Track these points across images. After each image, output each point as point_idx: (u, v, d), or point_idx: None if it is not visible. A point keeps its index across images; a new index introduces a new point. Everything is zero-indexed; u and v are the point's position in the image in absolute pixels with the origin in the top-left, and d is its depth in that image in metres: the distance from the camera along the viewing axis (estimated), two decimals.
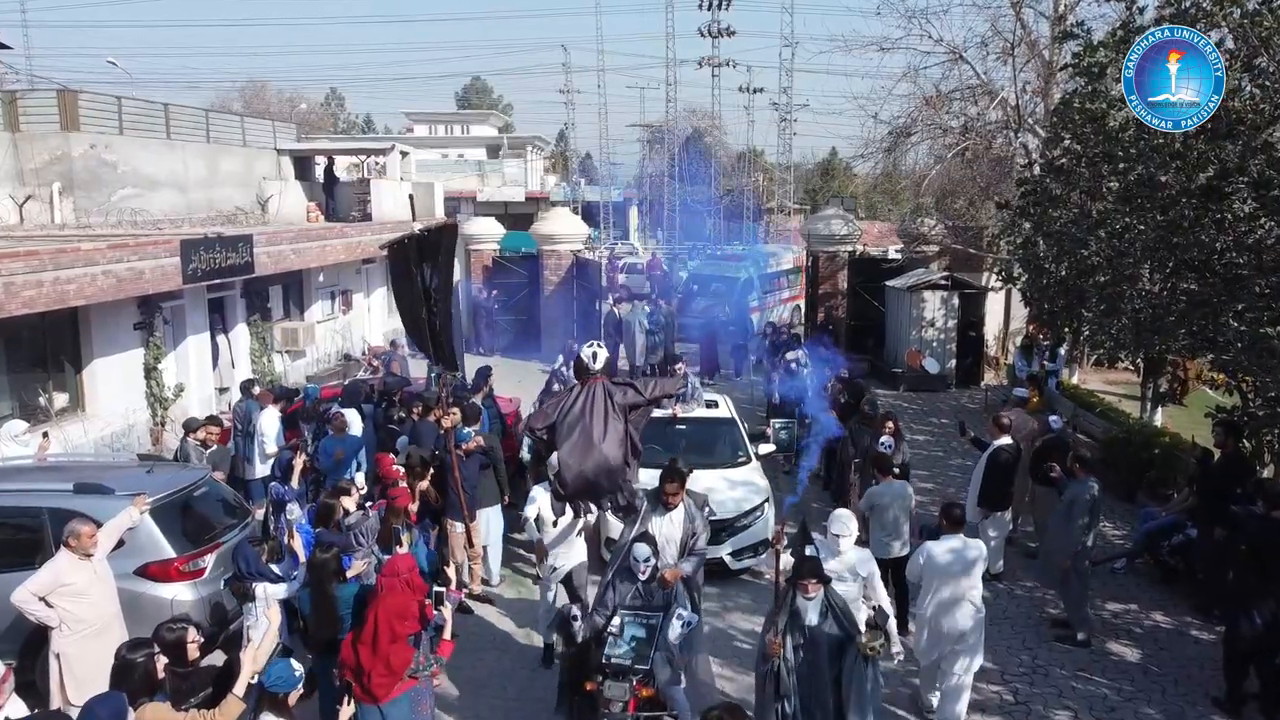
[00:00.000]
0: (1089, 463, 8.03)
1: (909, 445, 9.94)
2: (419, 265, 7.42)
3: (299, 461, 8.51)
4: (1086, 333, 12.92)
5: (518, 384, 18.19)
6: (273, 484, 8.84)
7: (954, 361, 18.73)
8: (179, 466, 8.70)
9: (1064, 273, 12.74)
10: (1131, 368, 14.51)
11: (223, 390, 15.93)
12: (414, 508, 7.52)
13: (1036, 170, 14.49)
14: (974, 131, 18.38)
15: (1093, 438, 12.84)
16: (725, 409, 11.31)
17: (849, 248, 21.53)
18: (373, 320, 21.73)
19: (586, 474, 6.38)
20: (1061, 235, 12.66)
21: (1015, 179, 15.21)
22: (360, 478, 9.30)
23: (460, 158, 63.94)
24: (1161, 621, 8.58)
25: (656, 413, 10.79)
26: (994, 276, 18.66)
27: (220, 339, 15.74)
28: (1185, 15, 10.10)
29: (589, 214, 54.21)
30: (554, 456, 6.66)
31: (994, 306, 20.16)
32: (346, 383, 11.68)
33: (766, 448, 10.75)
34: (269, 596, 5.98)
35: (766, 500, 9.51)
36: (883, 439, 9.01)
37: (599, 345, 6.89)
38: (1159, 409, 14.61)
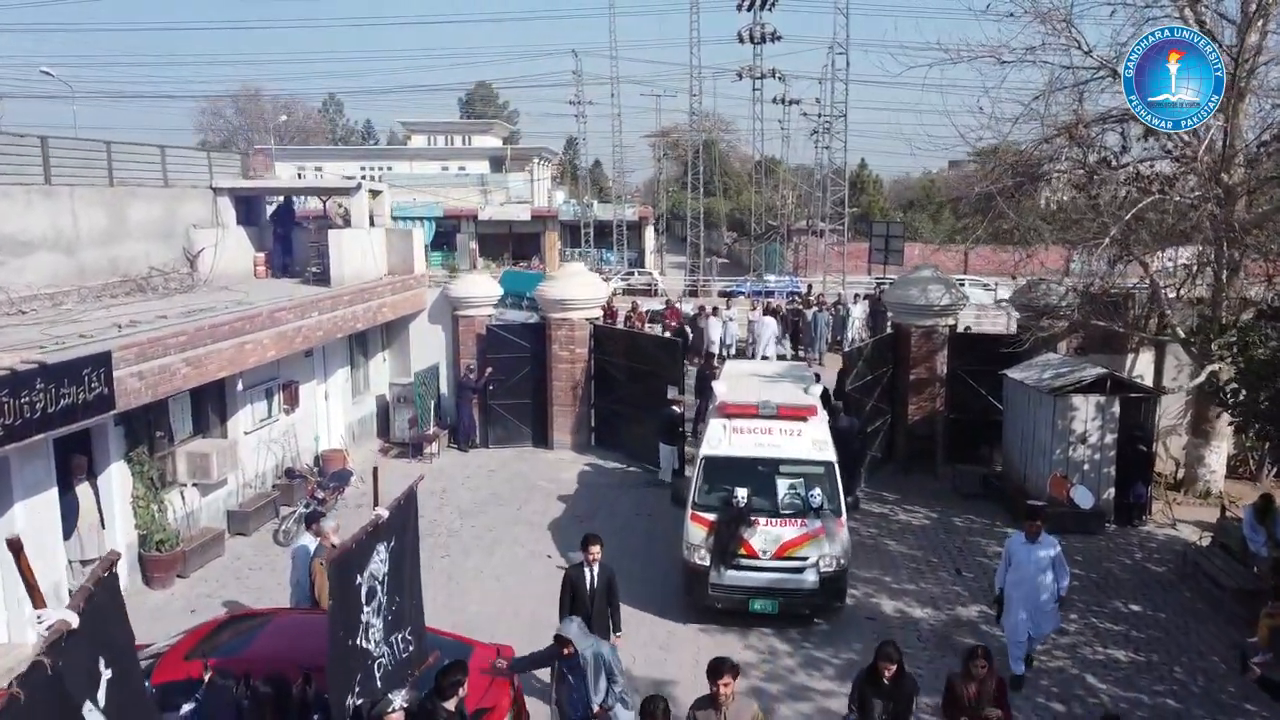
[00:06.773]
0: None
1: None
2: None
3: None
4: None
5: (509, 486, 13.25)
6: None
7: (1112, 490, 13.72)
8: None
9: None
10: None
11: (85, 562, 11.02)
12: None
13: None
14: (1147, 178, 13.35)
15: None
16: None
17: (950, 321, 16.53)
18: (331, 413, 16.76)
19: None
20: None
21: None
22: None
23: (461, 170, 59.09)
24: None
25: None
26: (1191, 377, 13.65)
27: (82, 490, 10.84)
28: None
29: (600, 234, 49.55)
30: None
31: None
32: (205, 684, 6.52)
33: None
34: None
35: None
36: None
37: None
38: None
